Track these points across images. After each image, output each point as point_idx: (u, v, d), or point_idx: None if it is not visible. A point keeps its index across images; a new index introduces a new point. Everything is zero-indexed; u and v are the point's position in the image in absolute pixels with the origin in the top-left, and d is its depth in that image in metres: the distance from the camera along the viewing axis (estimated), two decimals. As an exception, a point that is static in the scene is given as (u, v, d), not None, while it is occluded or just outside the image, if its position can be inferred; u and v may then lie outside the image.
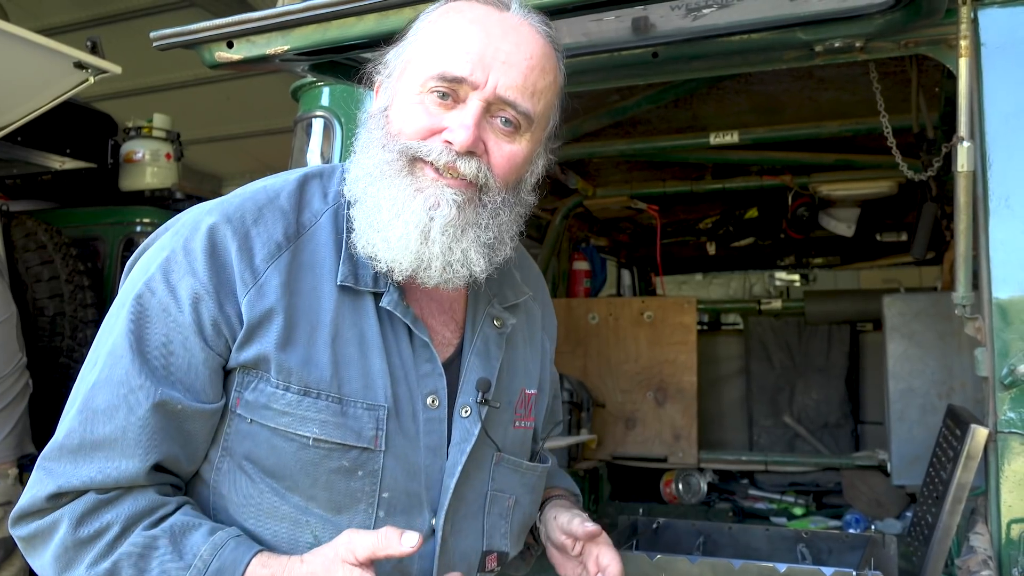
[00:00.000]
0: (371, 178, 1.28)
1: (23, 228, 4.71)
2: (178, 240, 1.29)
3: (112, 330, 1.26)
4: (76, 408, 1.23)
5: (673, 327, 3.95)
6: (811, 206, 4.13)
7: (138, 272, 1.31)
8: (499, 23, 1.29)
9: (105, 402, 1.22)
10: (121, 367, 1.22)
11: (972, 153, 1.81)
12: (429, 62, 1.27)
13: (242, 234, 1.28)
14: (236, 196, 1.35)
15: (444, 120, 1.26)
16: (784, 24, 1.94)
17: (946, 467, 1.96)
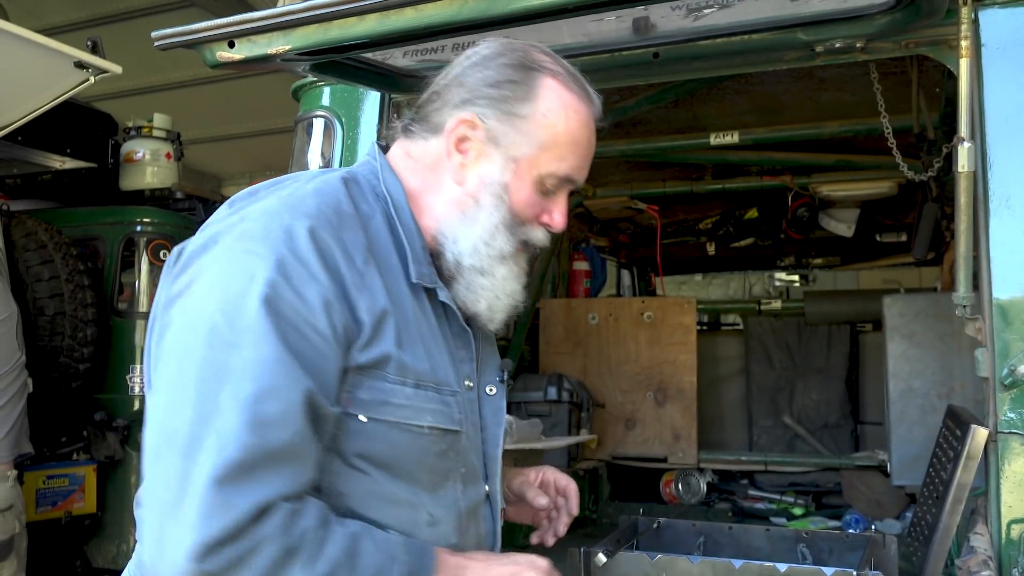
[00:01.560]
0: (497, 259, 1.45)
1: (23, 227, 4.71)
2: (280, 247, 1.25)
3: (245, 340, 1.20)
4: (240, 421, 1.17)
5: (673, 327, 3.96)
6: (811, 206, 4.13)
7: (237, 283, 1.23)
8: (591, 124, 1.48)
9: (277, 411, 1.19)
10: (283, 375, 1.21)
11: (973, 154, 1.82)
12: (557, 163, 1.44)
13: (338, 239, 1.31)
14: (300, 198, 1.33)
15: (547, 205, 1.48)
16: (785, 24, 1.94)
17: (946, 467, 1.96)
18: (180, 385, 1.21)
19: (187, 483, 1.15)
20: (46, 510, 4.61)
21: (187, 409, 1.19)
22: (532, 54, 1.44)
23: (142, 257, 5.23)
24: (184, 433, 1.17)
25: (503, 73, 1.42)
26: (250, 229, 1.28)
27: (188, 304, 1.26)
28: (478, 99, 1.41)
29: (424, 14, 1.58)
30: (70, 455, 4.86)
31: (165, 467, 1.18)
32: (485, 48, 1.46)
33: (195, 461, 1.15)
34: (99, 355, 4.93)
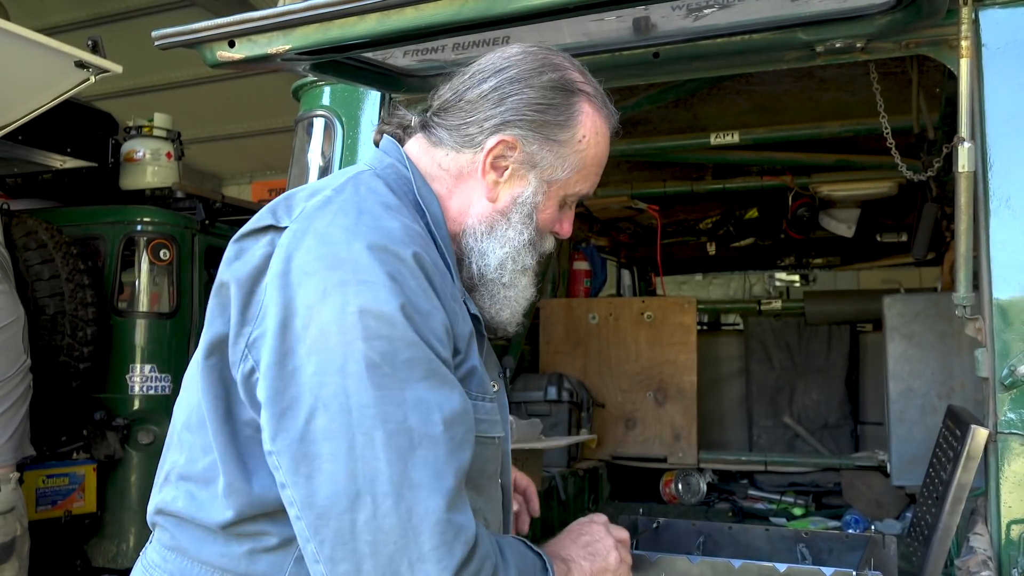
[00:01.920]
0: (521, 273, 1.50)
1: (24, 227, 4.71)
2: (398, 274, 1.23)
3: (409, 374, 1.20)
4: (445, 451, 1.20)
5: (673, 327, 3.96)
6: (811, 206, 4.13)
7: (372, 316, 1.20)
8: (610, 139, 1.53)
9: (462, 433, 1.24)
10: (456, 399, 1.24)
11: (973, 154, 1.81)
12: (582, 184, 1.52)
13: (431, 259, 1.32)
14: (374, 215, 1.30)
15: (559, 217, 1.54)
16: (785, 24, 1.94)
17: (946, 468, 1.96)
18: (356, 429, 1.17)
19: (413, 520, 1.16)
20: (46, 509, 4.61)
21: (379, 451, 1.16)
22: (568, 73, 1.46)
23: (142, 256, 5.23)
24: (387, 474, 1.16)
25: (545, 96, 1.43)
26: (350, 256, 1.23)
27: (319, 346, 1.20)
28: (520, 121, 1.42)
29: (424, 14, 1.58)
30: (70, 454, 4.86)
31: (374, 512, 1.16)
32: (523, 59, 1.45)
33: (415, 499, 1.16)
34: (99, 354, 4.93)
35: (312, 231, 1.27)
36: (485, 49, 2.10)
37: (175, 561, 1.38)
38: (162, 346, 5.25)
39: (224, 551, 1.31)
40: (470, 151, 1.45)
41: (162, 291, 5.30)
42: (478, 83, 1.45)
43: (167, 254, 5.26)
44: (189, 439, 1.38)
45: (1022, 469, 1.79)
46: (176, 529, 1.39)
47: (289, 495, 1.21)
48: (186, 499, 1.37)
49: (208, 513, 1.33)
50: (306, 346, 1.21)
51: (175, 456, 1.41)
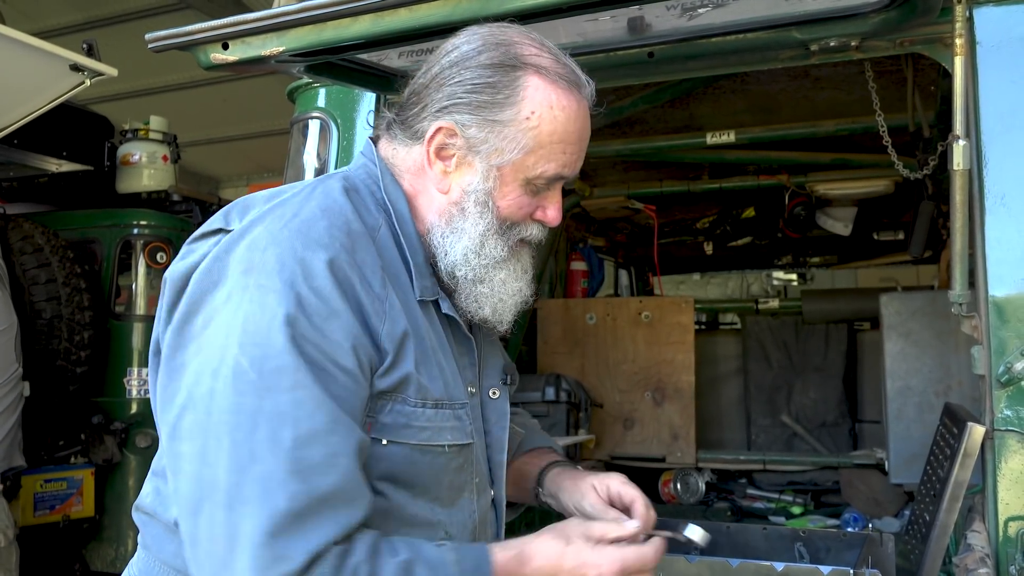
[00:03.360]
0: (492, 266, 1.42)
1: (20, 231, 4.71)
2: (298, 282, 1.20)
3: (276, 383, 1.16)
4: (283, 470, 1.13)
5: (671, 327, 3.96)
6: (808, 205, 4.13)
7: (257, 323, 1.18)
8: (581, 114, 1.41)
9: (321, 455, 1.16)
10: (322, 417, 1.17)
11: (968, 151, 1.82)
12: (545, 164, 1.39)
13: (354, 264, 1.27)
14: (308, 222, 1.27)
15: (539, 202, 1.44)
16: (779, 23, 1.94)
17: (943, 465, 1.96)
18: (210, 433, 1.16)
19: (237, 537, 1.12)
20: (44, 514, 4.61)
21: (222, 458, 1.14)
22: (514, 48, 1.37)
23: (139, 260, 5.23)
24: (224, 484, 1.14)
25: (482, 75, 1.35)
26: (261, 261, 1.22)
27: (206, 345, 1.20)
28: (456, 105, 1.36)
29: (418, 15, 1.58)
30: (68, 458, 4.86)
31: (210, 521, 1.14)
32: (464, 42, 1.39)
33: (242, 514, 1.12)
34: (96, 358, 4.92)
35: (248, 235, 1.27)
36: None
37: (143, 558, 1.40)
38: (159, 349, 5.24)
39: (178, 550, 1.28)
40: (417, 144, 1.41)
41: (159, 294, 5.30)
42: (424, 73, 1.41)
43: (164, 257, 5.25)
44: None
45: (1019, 466, 1.79)
46: (145, 526, 1.40)
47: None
48: (153, 495, 1.38)
49: (166, 508, 1.34)
50: (196, 344, 1.22)
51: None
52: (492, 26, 1.43)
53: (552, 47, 1.41)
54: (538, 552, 1.30)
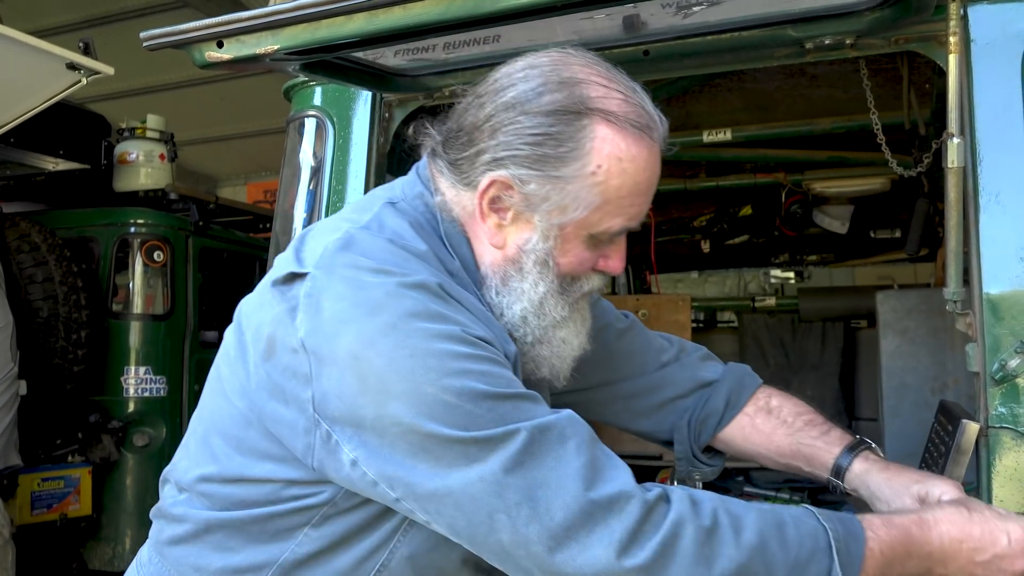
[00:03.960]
0: (554, 326, 1.33)
1: (17, 230, 4.71)
2: (451, 321, 1.17)
3: (484, 397, 1.14)
4: (554, 435, 1.13)
5: (668, 325, 3.95)
6: (805, 203, 4.14)
7: (443, 379, 1.13)
8: (652, 162, 1.29)
9: (562, 415, 1.18)
10: (538, 401, 1.19)
11: (962, 149, 1.82)
12: (610, 220, 1.29)
13: (464, 297, 1.25)
14: (406, 260, 1.22)
15: (601, 252, 1.34)
16: (774, 21, 1.94)
17: (938, 462, 1.96)
18: (457, 465, 1.12)
19: (558, 517, 1.10)
20: (41, 513, 4.61)
21: (495, 470, 1.11)
22: (579, 89, 1.24)
23: (136, 258, 5.23)
24: (510, 486, 1.11)
25: (542, 124, 1.23)
26: (386, 300, 1.16)
27: (385, 399, 1.13)
28: (513, 157, 1.24)
29: (412, 13, 1.58)
30: (65, 457, 4.86)
31: (515, 527, 1.11)
32: (522, 78, 1.26)
33: (548, 495, 1.10)
34: (94, 357, 4.92)
35: (339, 277, 1.20)
36: (475, 48, 2.11)
37: (155, 563, 1.41)
38: (157, 348, 5.25)
39: (198, 561, 1.34)
40: (467, 191, 1.30)
41: (156, 293, 5.31)
42: (476, 109, 1.29)
43: (161, 256, 5.26)
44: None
45: (1013, 463, 1.79)
46: (164, 531, 1.42)
47: (439, 530, 1.19)
48: (185, 505, 1.38)
49: (197, 517, 1.36)
50: (369, 399, 1.14)
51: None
52: (553, 56, 1.29)
53: (621, 81, 1.29)
54: (941, 518, 1.26)
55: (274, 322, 1.23)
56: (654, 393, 1.74)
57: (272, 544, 1.27)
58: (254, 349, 1.26)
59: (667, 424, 1.75)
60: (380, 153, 2.46)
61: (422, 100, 2.42)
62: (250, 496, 1.27)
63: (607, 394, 1.72)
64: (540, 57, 1.29)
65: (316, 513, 1.26)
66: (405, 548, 1.28)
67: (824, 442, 1.68)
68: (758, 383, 1.77)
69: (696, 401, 1.74)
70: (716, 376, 1.77)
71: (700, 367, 1.78)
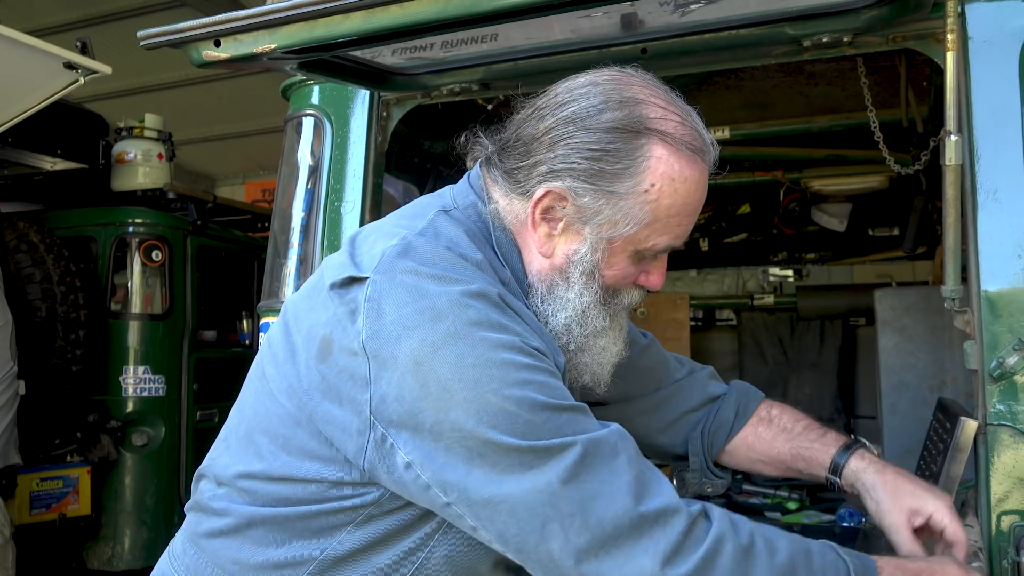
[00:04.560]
0: (595, 335, 1.38)
1: (15, 230, 4.70)
2: (503, 323, 1.21)
3: (543, 408, 1.18)
4: (607, 449, 1.19)
5: (666, 323, 3.96)
6: (803, 201, 4.14)
7: (496, 389, 1.16)
8: (702, 184, 1.34)
9: (612, 429, 1.24)
10: (589, 415, 1.24)
11: (960, 147, 1.82)
12: (658, 238, 1.33)
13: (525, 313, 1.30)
14: (463, 268, 1.25)
15: (643, 267, 1.38)
16: (772, 19, 1.95)
17: (936, 460, 1.97)
18: (512, 474, 1.16)
19: (608, 529, 1.15)
20: (40, 512, 4.61)
21: (552, 480, 1.15)
22: (639, 109, 1.28)
23: (135, 258, 5.23)
24: (563, 497, 1.15)
25: (601, 140, 1.26)
26: (450, 308, 1.19)
27: (447, 406, 1.16)
28: (570, 170, 1.28)
29: (409, 11, 1.58)
30: (64, 457, 4.86)
31: (567, 537, 1.15)
32: (584, 94, 1.30)
33: (600, 508, 1.15)
34: (92, 356, 4.92)
35: (400, 283, 1.22)
36: (473, 47, 2.11)
37: (191, 555, 1.44)
38: (155, 347, 5.24)
39: (237, 556, 1.36)
40: (521, 200, 1.33)
41: (155, 292, 5.30)
42: (536, 121, 1.32)
43: (159, 255, 5.25)
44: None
45: (1011, 460, 1.79)
46: (201, 523, 1.44)
47: (485, 537, 1.22)
48: (225, 499, 1.40)
49: (238, 516, 1.38)
50: (431, 405, 1.17)
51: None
52: (615, 75, 1.34)
53: (679, 104, 1.34)
54: (950, 573, 1.36)
55: (330, 324, 1.25)
56: (669, 406, 1.80)
57: (313, 541, 1.29)
58: (306, 350, 1.28)
59: (681, 438, 1.80)
60: (378, 152, 2.46)
61: (420, 99, 2.42)
62: (295, 494, 1.29)
63: (627, 410, 1.76)
64: (602, 75, 1.34)
65: (361, 513, 1.28)
66: (443, 548, 1.30)
67: (822, 443, 1.73)
68: (761, 396, 1.83)
69: (706, 414, 1.80)
70: (723, 391, 1.84)
71: (708, 383, 1.85)
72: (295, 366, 1.29)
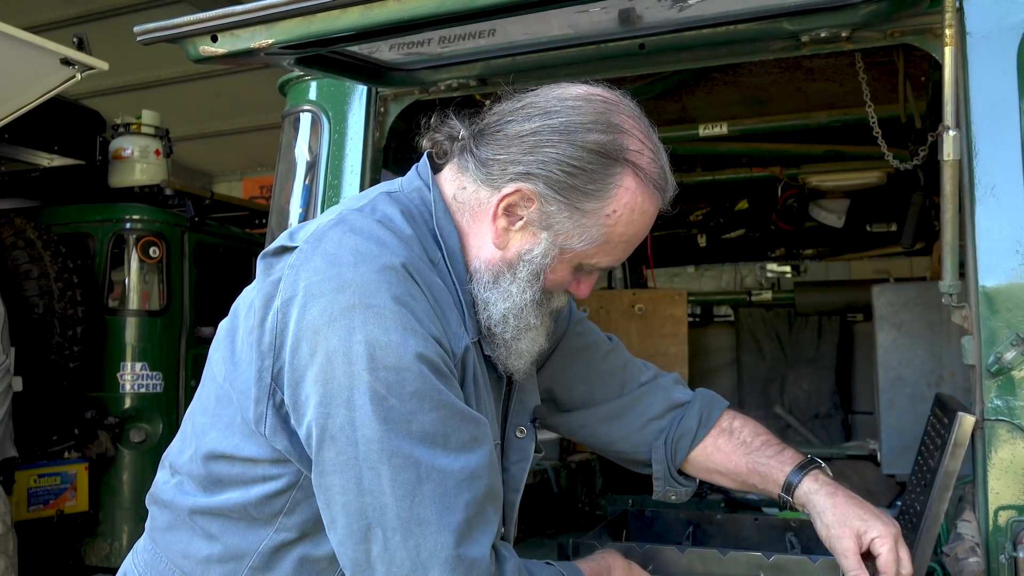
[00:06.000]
0: (526, 329, 1.42)
1: (12, 226, 4.70)
2: (404, 298, 1.23)
3: (418, 405, 1.19)
4: (453, 483, 1.20)
5: (664, 319, 3.96)
6: (801, 197, 4.14)
7: (375, 345, 1.19)
8: (653, 218, 1.42)
9: (475, 461, 1.23)
10: (466, 426, 1.24)
11: (958, 142, 1.82)
12: (602, 257, 1.41)
13: (435, 291, 1.31)
14: (386, 242, 1.28)
15: (577, 278, 1.45)
16: (770, 14, 1.94)
17: (934, 455, 1.97)
18: (363, 463, 1.18)
19: (422, 556, 1.17)
20: (37, 509, 4.61)
21: (385, 486, 1.18)
22: (622, 138, 1.35)
23: (132, 254, 5.22)
24: (394, 509, 1.18)
25: (582, 158, 1.32)
26: (355, 279, 1.22)
27: (326, 375, 1.20)
28: (546, 177, 1.33)
29: (407, 6, 1.58)
30: (61, 453, 4.86)
31: (384, 547, 1.18)
32: (573, 108, 1.35)
33: (422, 535, 1.17)
34: (90, 353, 4.92)
35: (320, 251, 1.26)
36: (470, 42, 2.11)
37: (149, 551, 1.48)
38: (153, 344, 5.24)
39: (187, 548, 1.40)
40: (488, 190, 1.38)
41: (152, 289, 5.30)
42: (522, 120, 1.36)
43: (156, 252, 5.25)
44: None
45: (1009, 455, 1.80)
46: (158, 516, 1.47)
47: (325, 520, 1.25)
48: (175, 489, 1.43)
49: (184, 500, 1.42)
50: (313, 374, 1.20)
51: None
52: (607, 96, 1.40)
53: (656, 141, 1.41)
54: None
55: (259, 292, 1.31)
56: (632, 413, 1.80)
57: (251, 531, 1.32)
58: (244, 324, 1.33)
59: (645, 445, 1.82)
60: (376, 147, 2.46)
61: (417, 94, 2.42)
62: (225, 474, 1.33)
63: (590, 417, 1.79)
64: (595, 92, 1.40)
65: (286, 499, 1.31)
66: None
67: (777, 461, 1.74)
68: (725, 404, 1.84)
69: (670, 422, 1.80)
70: (688, 398, 1.84)
71: (673, 389, 1.85)
72: (232, 343, 1.35)
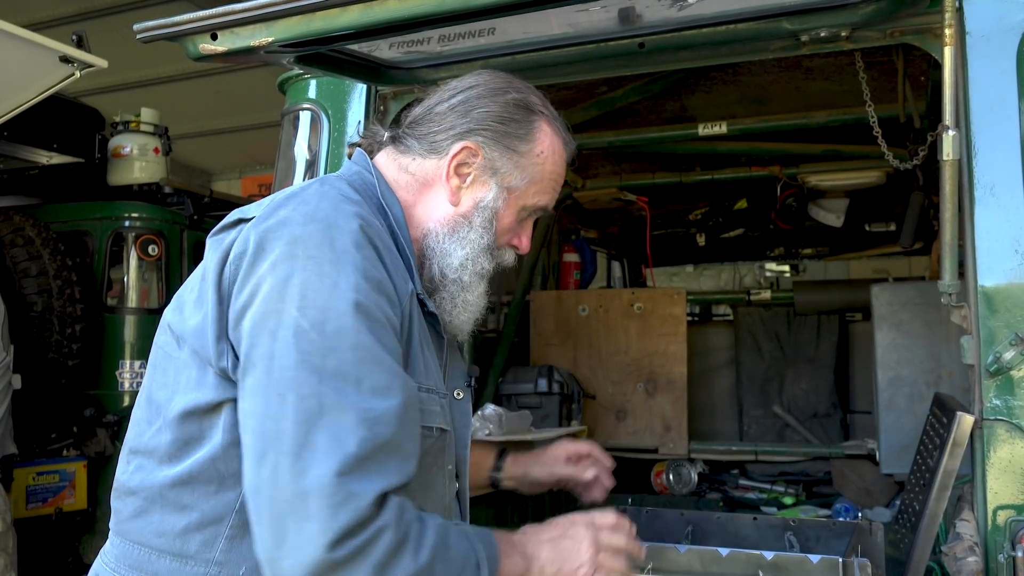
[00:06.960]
0: (479, 277, 1.59)
1: (10, 224, 4.69)
2: (349, 248, 1.32)
3: (338, 343, 1.25)
4: (352, 419, 1.22)
5: (663, 318, 3.96)
6: (800, 197, 4.14)
7: (311, 287, 1.28)
8: (567, 163, 1.66)
9: (383, 407, 1.26)
10: (383, 373, 1.28)
11: (957, 142, 1.82)
12: (539, 196, 1.63)
13: (383, 244, 1.41)
14: (337, 205, 1.38)
15: (519, 230, 1.65)
16: (770, 14, 1.94)
17: (933, 455, 1.97)
18: (272, 389, 1.25)
19: (305, 481, 1.19)
20: (36, 507, 4.60)
21: (288, 411, 1.22)
22: (530, 98, 1.59)
23: (131, 252, 5.22)
24: (290, 434, 1.22)
25: (508, 110, 1.56)
26: (305, 234, 1.32)
27: (259, 312, 1.29)
28: (483, 130, 1.55)
29: (407, 5, 1.58)
30: (60, 451, 4.85)
31: (274, 469, 1.22)
32: (490, 80, 1.59)
33: (310, 460, 1.20)
34: (88, 351, 4.91)
35: (275, 216, 1.36)
36: (470, 41, 2.11)
37: (116, 546, 1.50)
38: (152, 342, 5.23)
39: (160, 528, 1.43)
40: (435, 157, 1.56)
41: (151, 287, 5.30)
42: (449, 98, 1.58)
43: (155, 250, 5.25)
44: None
45: (1008, 455, 1.80)
46: (125, 506, 1.51)
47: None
48: (136, 471, 1.48)
49: (152, 479, 1.46)
50: (252, 311, 1.30)
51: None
52: (506, 75, 1.63)
53: (551, 106, 1.64)
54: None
55: (212, 259, 1.41)
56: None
57: (223, 493, 1.36)
58: (198, 291, 1.43)
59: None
60: (375, 146, 2.45)
61: (417, 92, 2.41)
62: (193, 433, 1.37)
63: None
64: (496, 73, 1.63)
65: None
66: None
67: (483, 453, 2.05)
68: None
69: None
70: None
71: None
72: (182, 313, 1.45)
